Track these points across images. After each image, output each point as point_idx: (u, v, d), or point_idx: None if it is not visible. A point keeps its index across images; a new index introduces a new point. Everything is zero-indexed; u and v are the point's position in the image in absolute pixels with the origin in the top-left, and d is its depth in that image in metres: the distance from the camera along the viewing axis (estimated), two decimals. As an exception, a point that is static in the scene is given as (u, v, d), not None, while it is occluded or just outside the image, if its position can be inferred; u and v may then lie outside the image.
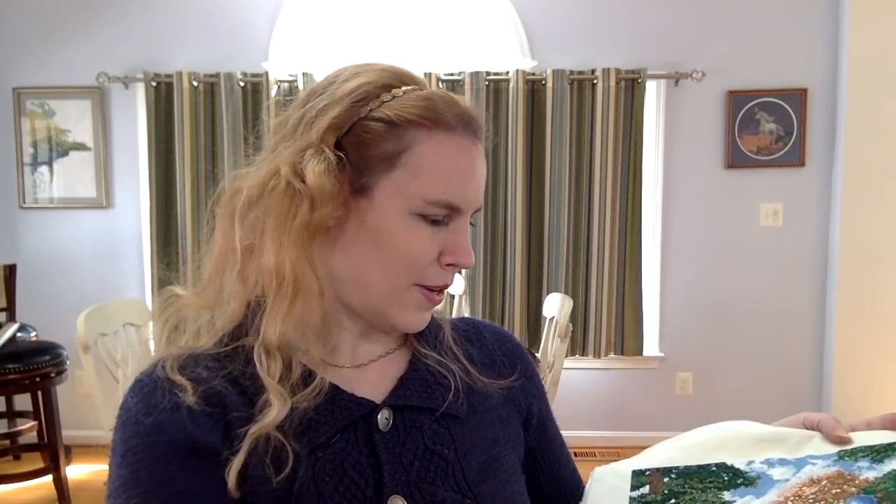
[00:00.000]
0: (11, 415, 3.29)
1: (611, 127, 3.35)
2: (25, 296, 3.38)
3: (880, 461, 0.59)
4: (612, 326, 3.47)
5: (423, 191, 0.65)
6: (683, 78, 3.41)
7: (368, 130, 0.66)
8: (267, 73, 3.36)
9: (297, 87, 3.37)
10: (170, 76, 3.39)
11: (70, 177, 3.53)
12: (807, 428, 0.65)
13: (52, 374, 2.85)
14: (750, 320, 3.54)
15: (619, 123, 3.37)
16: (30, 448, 3.18)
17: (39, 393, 2.95)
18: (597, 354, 3.47)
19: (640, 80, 3.35)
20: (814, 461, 0.62)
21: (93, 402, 2.01)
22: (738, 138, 3.45)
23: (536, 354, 2.83)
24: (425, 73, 3.35)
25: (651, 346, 3.58)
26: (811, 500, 0.58)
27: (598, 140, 3.37)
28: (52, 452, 2.88)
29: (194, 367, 0.67)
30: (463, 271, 3.37)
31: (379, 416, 0.67)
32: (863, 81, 3.33)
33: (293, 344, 0.66)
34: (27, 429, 3.10)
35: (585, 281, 3.46)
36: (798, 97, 3.43)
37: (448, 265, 0.69)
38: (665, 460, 0.68)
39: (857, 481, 0.59)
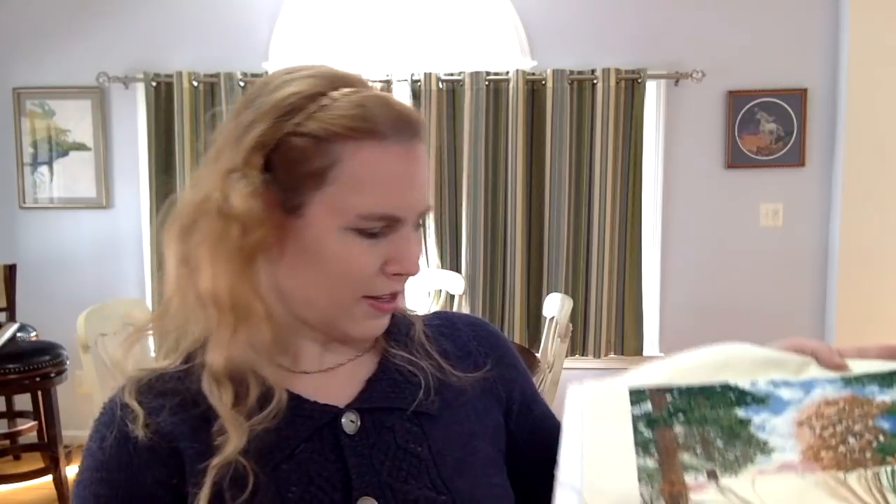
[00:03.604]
0: (11, 415, 3.29)
1: (611, 127, 3.35)
2: (25, 296, 3.38)
3: (889, 386, 0.60)
4: (612, 326, 3.47)
5: (356, 206, 0.63)
6: (683, 78, 3.41)
7: (294, 147, 0.63)
8: (267, 72, 3.36)
9: (297, 87, 3.37)
10: (170, 76, 3.39)
11: (70, 177, 3.53)
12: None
13: (52, 374, 2.85)
14: (750, 320, 3.54)
15: (619, 123, 3.37)
16: (30, 448, 3.17)
17: (39, 393, 2.95)
18: (597, 354, 3.47)
19: (640, 80, 3.35)
20: (821, 385, 0.62)
21: (93, 402, 2.01)
22: (738, 138, 3.45)
23: (536, 354, 2.83)
24: (425, 73, 3.35)
25: (651, 346, 3.58)
26: (835, 420, 0.58)
27: (598, 140, 3.37)
28: (52, 452, 2.88)
29: (154, 392, 0.67)
30: (463, 271, 3.38)
31: (344, 420, 0.67)
32: (863, 81, 3.33)
33: (248, 361, 0.65)
34: (27, 429, 3.10)
35: (585, 281, 3.46)
36: (798, 97, 3.43)
37: (394, 275, 0.66)
38: (663, 381, 0.65)
39: (875, 403, 0.59)
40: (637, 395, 0.65)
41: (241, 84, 3.35)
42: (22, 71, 3.51)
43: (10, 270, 3.28)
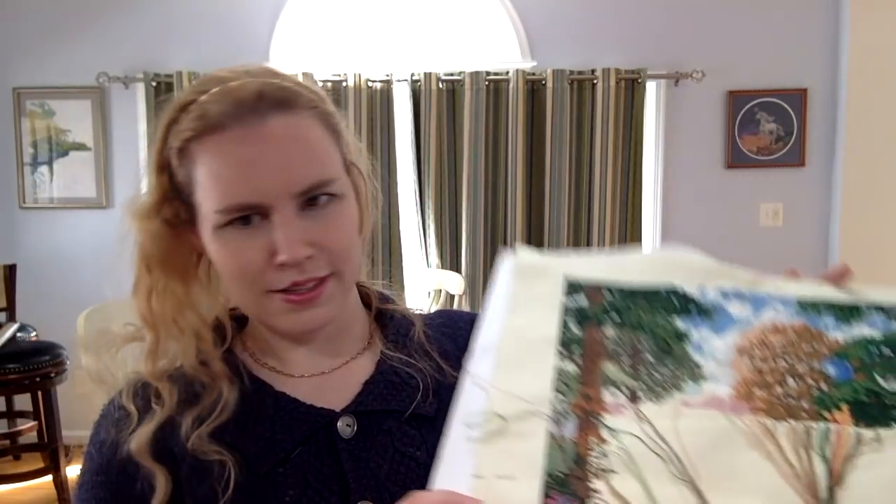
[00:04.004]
0: (11, 415, 3.28)
1: (611, 127, 3.35)
2: (25, 296, 3.38)
3: (846, 322, 0.55)
4: (612, 326, 3.47)
5: (213, 204, 0.61)
6: (683, 78, 3.41)
7: (171, 163, 0.64)
8: (267, 73, 3.36)
9: (297, 87, 3.37)
10: (170, 76, 3.38)
11: (70, 177, 3.53)
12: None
13: (52, 374, 2.85)
14: (750, 320, 3.53)
15: (619, 123, 3.37)
16: (30, 448, 3.18)
17: (39, 393, 2.95)
18: (597, 354, 3.47)
19: (640, 80, 3.35)
20: (774, 303, 0.56)
21: (92, 402, 2.01)
22: (738, 138, 3.45)
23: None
24: (425, 73, 3.35)
25: (651, 346, 3.58)
26: (779, 352, 0.53)
27: (598, 140, 3.37)
28: (52, 452, 2.88)
29: (150, 394, 0.67)
30: (463, 271, 3.37)
31: (339, 424, 0.66)
32: (863, 81, 3.33)
33: (194, 368, 0.66)
34: (27, 429, 3.10)
35: (585, 281, 3.46)
36: (798, 97, 3.43)
37: (279, 265, 0.61)
38: (604, 276, 0.59)
39: (826, 340, 0.54)
40: (573, 287, 0.59)
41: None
42: (22, 71, 3.51)
43: (10, 270, 3.28)
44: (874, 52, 3.32)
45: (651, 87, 3.46)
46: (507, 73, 3.37)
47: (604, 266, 0.61)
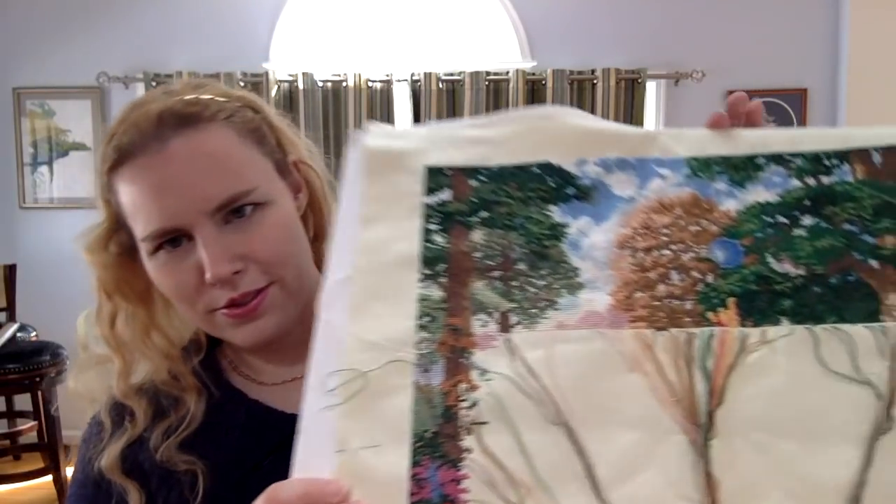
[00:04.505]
0: (11, 415, 3.28)
1: (611, 127, 3.35)
2: (25, 296, 3.37)
3: (740, 183, 0.47)
4: (612, 326, 3.47)
5: (137, 232, 0.61)
6: (683, 78, 3.41)
7: (104, 194, 0.64)
8: (267, 72, 3.36)
9: (297, 87, 3.37)
10: (170, 76, 3.38)
11: (70, 177, 3.53)
12: None
13: (52, 374, 2.85)
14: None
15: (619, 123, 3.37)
16: (30, 448, 3.17)
17: (39, 393, 2.95)
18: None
19: (640, 80, 3.35)
20: (661, 169, 0.48)
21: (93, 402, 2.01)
22: (738, 138, 3.45)
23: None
24: (425, 73, 3.35)
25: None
26: (665, 241, 0.46)
27: (598, 140, 3.37)
28: (52, 452, 2.88)
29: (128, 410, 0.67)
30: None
31: None
32: (863, 81, 3.33)
33: (166, 382, 0.67)
34: (27, 429, 3.10)
35: (585, 281, 3.46)
36: (798, 97, 3.42)
37: (211, 284, 0.59)
38: (470, 157, 0.50)
39: (716, 213, 0.47)
40: (435, 179, 0.49)
41: (241, 84, 3.35)
42: (22, 71, 3.51)
43: (10, 270, 3.28)
44: (874, 51, 3.32)
45: (651, 87, 3.46)
46: (507, 73, 3.37)
47: (471, 143, 0.51)
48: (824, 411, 0.41)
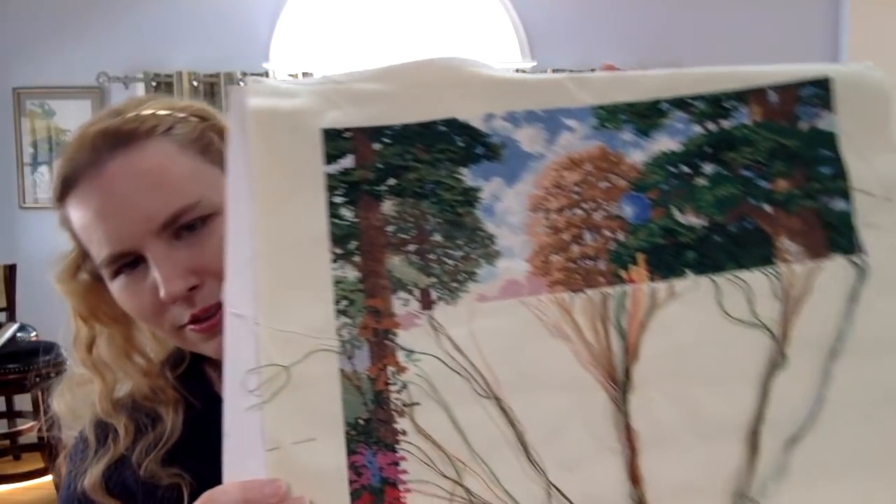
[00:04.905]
0: (11, 415, 3.28)
1: (611, 127, 3.35)
2: (25, 296, 3.37)
3: (645, 132, 0.47)
4: (612, 326, 3.47)
5: (95, 259, 0.61)
6: (683, 78, 3.41)
7: (63, 224, 0.64)
8: (267, 72, 3.36)
9: (297, 87, 3.37)
10: (170, 76, 3.38)
11: (70, 177, 3.53)
12: None
13: (52, 374, 2.84)
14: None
15: (619, 123, 3.37)
16: (30, 448, 3.17)
17: (39, 393, 2.94)
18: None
19: (640, 80, 3.35)
20: (569, 121, 0.47)
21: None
22: (738, 138, 3.45)
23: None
24: (425, 73, 3.35)
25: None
26: (576, 197, 0.45)
27: (598, 140, 3.37)
28: (52, 452, 2.88)
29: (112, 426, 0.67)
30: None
31: None
32: (863, 81, 3.33)
33: (148, 398, 0.67)
34: (27, 429, 3.10)
35: (585, 281, 3.46)
36: (798, 97, 3.43)
37: (171, 303, 0.58)
38: (370, 116, 0.46)
39: (623, 167, 0.46)
40: (335, 144, 0.45)
41: (242, 84, 3.35)
42: (22, 71, 3.51)
43: (10, 270, 3.28)
44: (874, 52, 3.32)
45: (651, 87, 3.46)
46: (507, 73, 3.37)
47: (370, 98, 0.46)
48: (725, 356, 0.44)
